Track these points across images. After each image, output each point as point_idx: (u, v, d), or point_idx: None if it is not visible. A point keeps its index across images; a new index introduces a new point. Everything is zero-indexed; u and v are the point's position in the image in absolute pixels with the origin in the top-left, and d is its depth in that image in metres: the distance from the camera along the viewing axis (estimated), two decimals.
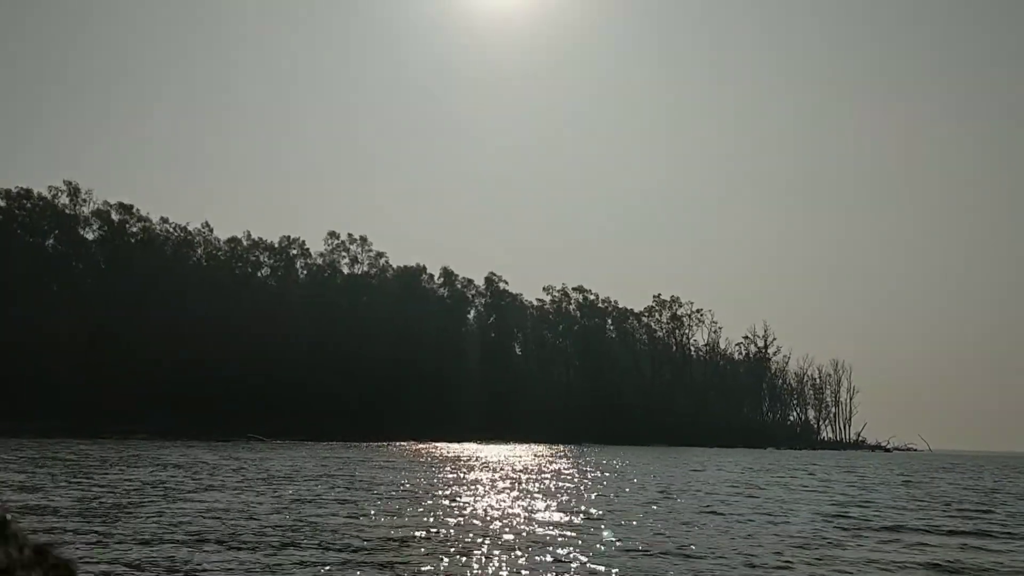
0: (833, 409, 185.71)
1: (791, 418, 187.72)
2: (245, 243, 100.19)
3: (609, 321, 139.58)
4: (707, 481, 34.63)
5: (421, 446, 77.49)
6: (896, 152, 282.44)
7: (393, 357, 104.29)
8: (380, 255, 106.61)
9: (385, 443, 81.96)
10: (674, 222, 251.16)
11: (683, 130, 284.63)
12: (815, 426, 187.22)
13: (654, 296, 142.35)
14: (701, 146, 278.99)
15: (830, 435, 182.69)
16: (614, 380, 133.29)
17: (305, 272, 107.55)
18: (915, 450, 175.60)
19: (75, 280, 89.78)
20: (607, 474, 38.39)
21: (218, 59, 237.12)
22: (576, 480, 32.92)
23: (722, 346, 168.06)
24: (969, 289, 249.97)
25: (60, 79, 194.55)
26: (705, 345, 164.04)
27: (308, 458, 45.80)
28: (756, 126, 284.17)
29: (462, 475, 33.30)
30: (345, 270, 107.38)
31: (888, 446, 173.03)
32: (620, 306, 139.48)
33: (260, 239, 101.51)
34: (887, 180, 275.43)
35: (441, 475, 32.87)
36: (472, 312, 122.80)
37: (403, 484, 27.03)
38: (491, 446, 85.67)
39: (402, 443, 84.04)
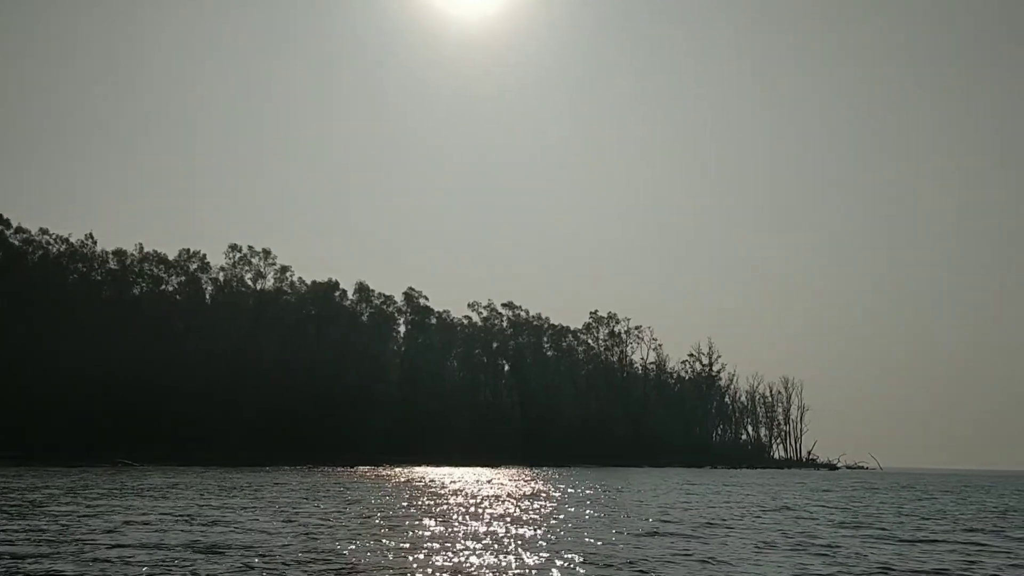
0: (784, 427, 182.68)
1: (743, 437, 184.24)
2: (137, 255, 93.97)
3: (545, 339, 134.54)
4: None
5: (336, 471, 71.42)
6: (844, 171, 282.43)
7: (303, 378, 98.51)
8: (285, 269, 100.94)
9: (275, 468, 75.72)
10: (618, 240, 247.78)
11: (624, 147, 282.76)
12: (767, 445, 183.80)
13: (591, 313, 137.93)
14: (645, 163, 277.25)
15: (782, 454, 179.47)
16: (548, 399, 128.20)
17: (211, 287, 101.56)
18: (865, 468, 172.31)
19: None
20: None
21: (100, 59, 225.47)
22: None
23: (669, 365, 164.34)
24: (922, 309, 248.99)
25: None
26: (652, 363, 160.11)
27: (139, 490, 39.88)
28: (703, 145, 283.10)
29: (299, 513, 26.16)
30: (250, 285, 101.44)
31: (838, 464, 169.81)
32: (555, 323, 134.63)
33: (155, 252, 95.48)
34: (834, 199, 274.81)
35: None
36: (392, 330, 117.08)
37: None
38: (399, 469, 79.82)
39: (296, 467, 77.86)
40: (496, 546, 16.81)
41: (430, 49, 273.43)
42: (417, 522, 21.33)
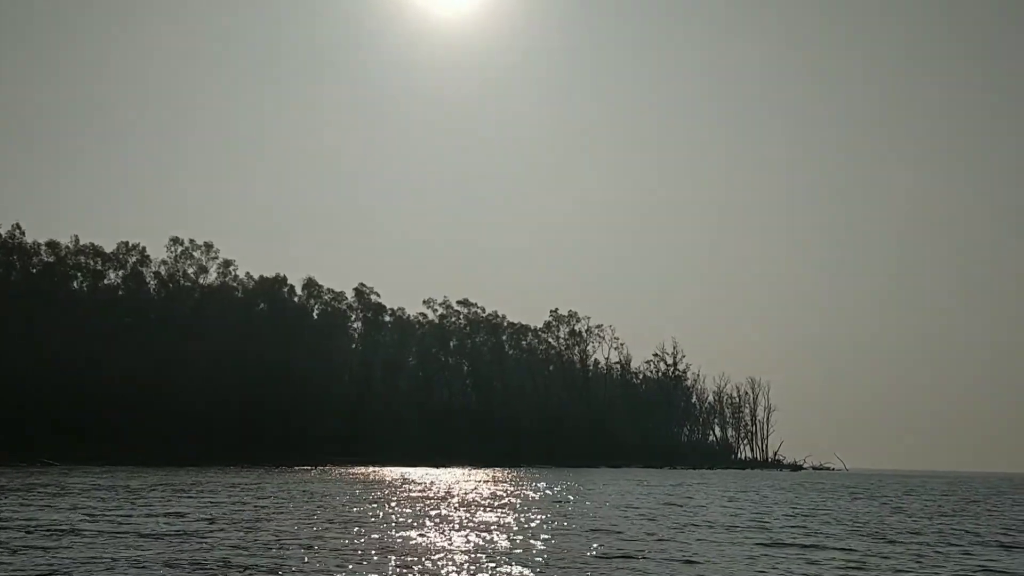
0: (751, 428, 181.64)
1: (711, 438, 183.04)
2: (72, 248, 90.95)
3: (504, 337, 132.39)
4: None
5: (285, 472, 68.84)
6: (806, 169, 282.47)
7: (249, 375, 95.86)
8: (229, 263, 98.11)
9: (220, 468, 73.24)
10: (581, 240, 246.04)
11: (592, 144, 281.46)
12: (733, 445, 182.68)
13: (551, 311, 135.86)
14: (611, 160, 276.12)
15: (748, 454, 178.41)
16: (507, 398, 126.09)
17: (156, 281, 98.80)
18: (832, 469, 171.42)
19: None
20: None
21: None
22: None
23: (634, 365, 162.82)
24: (889, 309, 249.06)
25: None
26: (616, 363, 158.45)
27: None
28: (668, 142, 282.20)
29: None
30: (192, 280, 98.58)
31: (804, 465, 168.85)
32: (515, 322, 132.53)
33: (91, 244, 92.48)
34: (799, 198, 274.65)
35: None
36: (347, 327, 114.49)
37: None
38: (344, 469, 77.47)
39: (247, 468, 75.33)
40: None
41: (402, 46, 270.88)
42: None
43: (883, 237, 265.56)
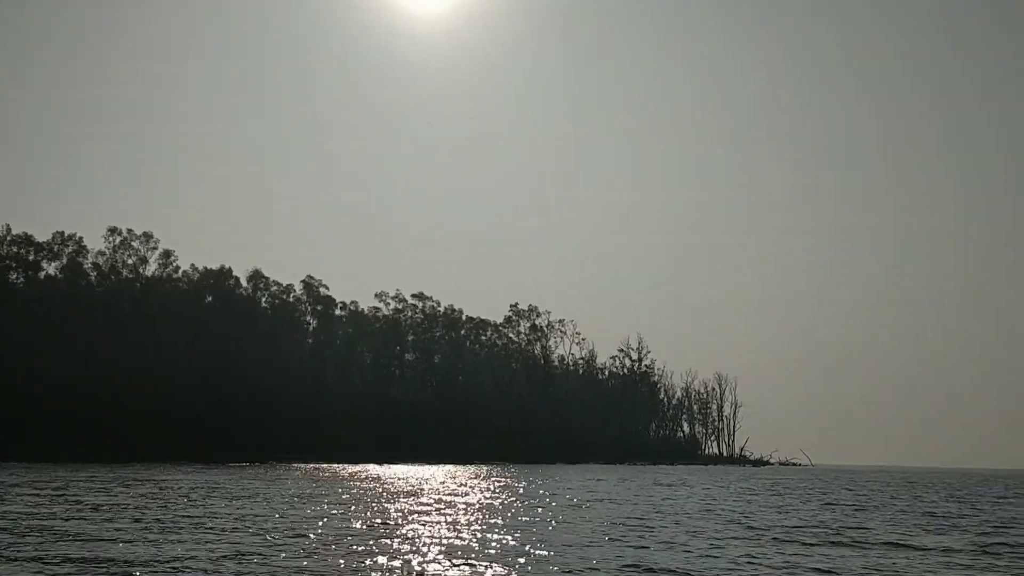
0: (719, 424, 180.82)
1: (679, 433, 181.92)
2: (3, 237, 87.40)
3: (463, 332, 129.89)
4: None
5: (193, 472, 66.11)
6: (772, 166, 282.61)
7: (194, 370, 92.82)
8: (169, 253, 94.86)
9: (170, 465, 70.60)
10: (546, 236, 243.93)
11: (556, 140, 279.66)
12: (701, 441, 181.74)
13: (511, 306, 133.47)
14: (577, 157, 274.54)
15: (715, 450, 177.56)
16: (466, 394, 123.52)
17: (96, 273, 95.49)
18: (798, 464, 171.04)
19: None
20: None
21: None
22: None
23: (599, 361, 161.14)
24: (856, 307, 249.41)
25: None
26: (581, 359, 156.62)
27: None
28: (635, 139, 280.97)
29: None
30: (134, 272, 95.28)
31: (770, 460, 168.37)
32: (474, 316, 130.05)
33: (24, 234, 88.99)
34: (764, 194, 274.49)
35: None
36: (302, 321, 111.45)
37: None
38: (293, 466, 74.79)
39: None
40: None
41: (367, 38, 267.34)
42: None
43: (847, 234, 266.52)
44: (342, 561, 14.88)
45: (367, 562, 14.84)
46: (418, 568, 14.42)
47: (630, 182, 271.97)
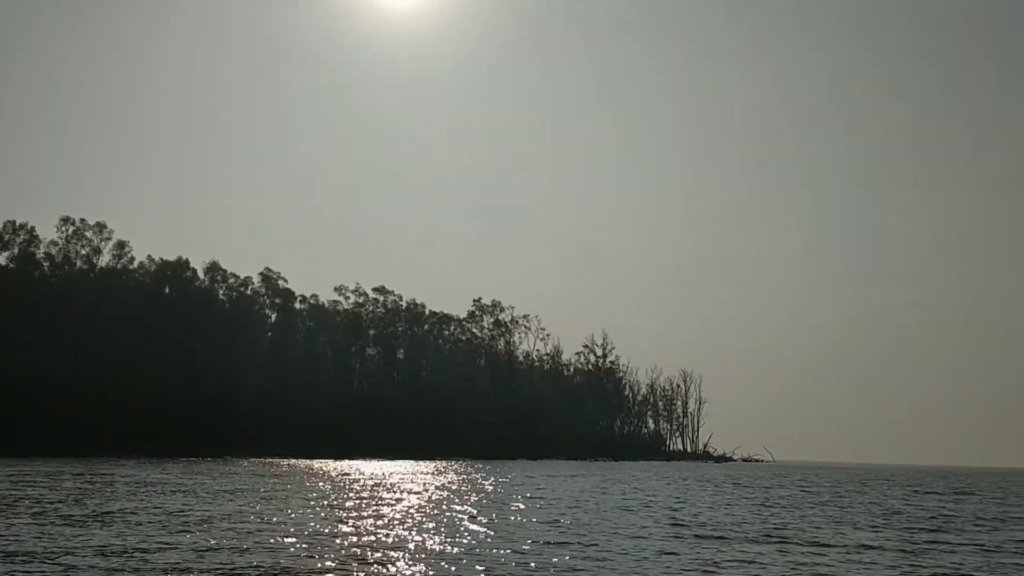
0: (683, 420, 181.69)
1: (644, 430, 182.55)
2: None
3: (426, 326, 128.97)
4: None
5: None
6: (735, 161, 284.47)
7: (149, 363, 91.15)
8: (123, 244, 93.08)
9: (133, 460, 69.40)
10: (514, 232, 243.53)
11: (524, 135, 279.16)
12: (665, 437, 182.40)
13: (474, 300, 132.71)
14: (542, 153, 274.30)
15: (679, 446, 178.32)
16: (429, 389, 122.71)
17: (48, 263, 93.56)
18: (760, 461, 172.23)
19: None
20: None
21: None
22: None
23: (564, 357, 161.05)
24: (822, 304, 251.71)
25: None
26: (546, 355, 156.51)
27: None
28: (603, 134, 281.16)
29: None
30: (85, 263, 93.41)
31: (733, 456, 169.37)
32: (437, 311, 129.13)
33: None
34: (728, 190, 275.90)
35: None
36: (261, 315, 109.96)
37: None
38: (249, 461, 73.67)
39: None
40: None
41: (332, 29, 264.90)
42: None
43: (811, 232, 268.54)
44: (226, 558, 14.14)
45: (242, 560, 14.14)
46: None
47: (595, 179, 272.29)
